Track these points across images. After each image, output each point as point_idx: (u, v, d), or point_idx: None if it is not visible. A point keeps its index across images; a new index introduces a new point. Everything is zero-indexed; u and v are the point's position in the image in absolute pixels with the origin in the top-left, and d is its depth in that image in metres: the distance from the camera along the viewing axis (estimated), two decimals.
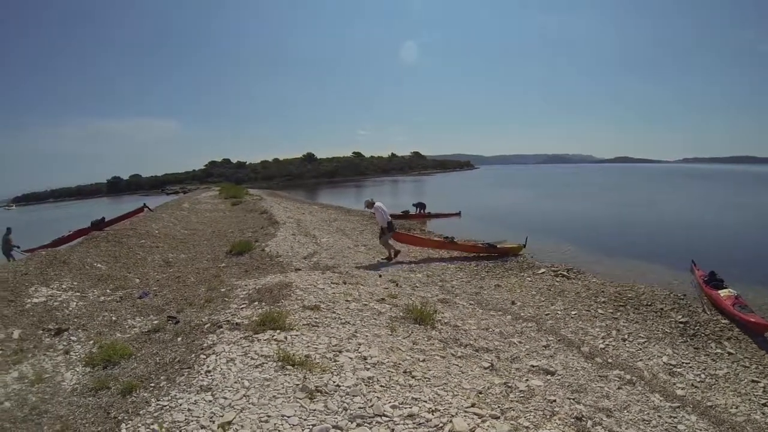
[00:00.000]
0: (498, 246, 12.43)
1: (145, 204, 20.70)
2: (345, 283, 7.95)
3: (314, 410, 3.65)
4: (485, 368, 5.00)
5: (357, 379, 4.13)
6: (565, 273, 10.55)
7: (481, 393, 4.23)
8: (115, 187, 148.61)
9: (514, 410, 3.96)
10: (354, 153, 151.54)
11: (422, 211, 25.22)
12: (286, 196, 51.80)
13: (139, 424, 3.81)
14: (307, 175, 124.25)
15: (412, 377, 4.32)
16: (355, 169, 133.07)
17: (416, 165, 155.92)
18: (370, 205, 11.97)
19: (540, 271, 10.76)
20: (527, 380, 4.81)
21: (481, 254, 12.24)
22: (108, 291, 8.51)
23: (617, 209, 29.80)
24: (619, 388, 5.18)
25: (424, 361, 4.84)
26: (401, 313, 6.43)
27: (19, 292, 7.75)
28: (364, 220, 21.91)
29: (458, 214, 25.42)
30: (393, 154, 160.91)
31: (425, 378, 4.36)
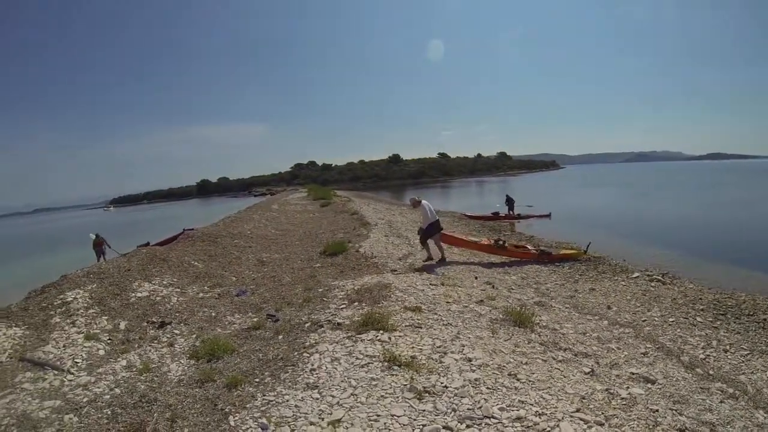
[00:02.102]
0: (553, 253, 12.07)
1: (184, 228, 21.71)
2: (443, 285, 8.11)
3: (423, 410, 3.80)
4: (586, 374, 5.02)
5: (464, 380, 4.26)
6: (659, 278, 10.43)
7: (584, 398, 4.26)
8: (204, 190, 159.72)
9: (617, 417, 4.00)
10: (439, 154, 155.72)
11: (511, 208, 25.51)
12: (374, 197, 53.09)
13: (247, 417, 4.10)
14: (392, 177, 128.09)
15: (517, 380, 4.39)
16: (440, 170, 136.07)
17: (502, 165, 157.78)
18: (416, 203, 11.42)
19: (634, 275, 10.69)
20: (628, 388, 4.79)
21: (536, 258, 11.80)
22: (206, 288, 9.18)
23: (713, 210, 28.49)
24: (721, 402, 4.99)
25: (526, 364, 4.91)
26: (501, 316, 6.53)
27: (124, 286, 8.58)
28: (454, 221, 22.35)
29: (548, 215, 25.54)
30: (479, 155, 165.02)
31: (529, 381, 4.42)
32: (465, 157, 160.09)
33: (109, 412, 4.61)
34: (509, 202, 25.76)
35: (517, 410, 3.77)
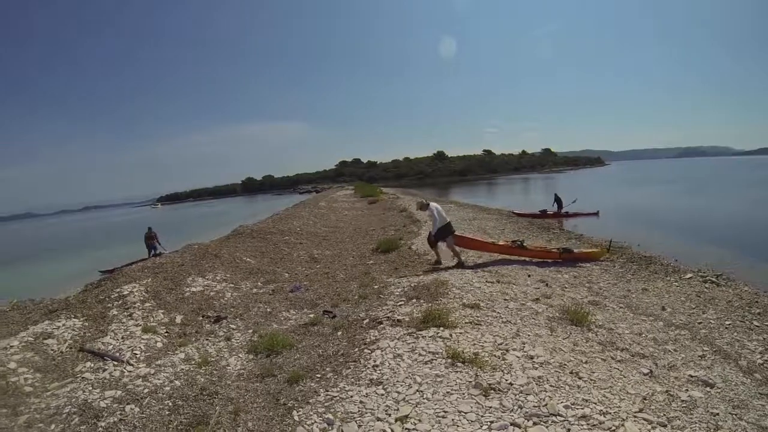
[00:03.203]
0: (575, 251, 11.69)
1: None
2: (499, 282, 8.11)
3: (490, 407, 3.83)
4: (644, 374, 4.99)
5: (527, 378, 4.27)
6: (714, 279, 10.12)
7: (645, 399, 4.26)
8: (249, 187, 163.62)
9: (679, 420, 4.05)
10: (484, 151, 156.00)
11: (560, 207, 25.45)
12: (420, 194, 53.22)
13: (311, 412, 4.17)
14: (437, 174, 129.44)
15: (579, 378, 4.39)
16: (486, 167, 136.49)
17: (547, 162, 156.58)
18: (423, 206, 11.02)
19: (687, 276, 10.41)
20: (687, 390, 4.76)
21: (556, 259, 11.46)
22: (259, 284, 9.37)
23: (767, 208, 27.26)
24: None
25: (586, 363, 4.90)
26: (557, 314, 6.52)
27: (178, 281, 8.86)
28: (502, 218, 22.15)
29: (596, 213, 25.30)
30: (523, 152, 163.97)
31: (591, 380, 4.42)
32: (510, 154, 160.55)
33: (170, 404, 4.75)
34: (557, 201, 25.73)
35: (582, 409, 3.80)
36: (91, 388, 5.20)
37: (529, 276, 9.10)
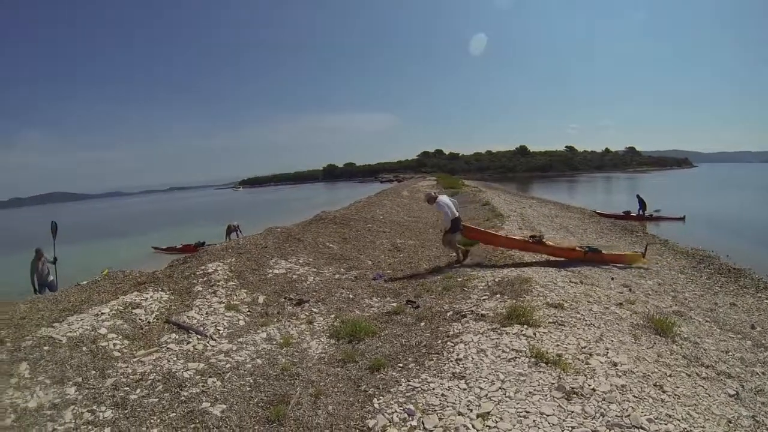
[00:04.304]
0: (604, 252, 10.67)
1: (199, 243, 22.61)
2: (582, 283, 7.95)
3: (572, 412, 3.76)
4: (730, 396, 4.76)
5: (610, 385, 4.17)
6: None
7: (730, 422, 4.07)
8: (331, 174, 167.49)
9: None
10: (567, 147, 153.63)
11: (643, 209, 25.05)
12: (502, 188, 52.98)
13: (392, 401, 4.22)
14: (519, 168, 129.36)
15: (663, 392, 4.25)
16: (567, 164, 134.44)
17: (631, 161, 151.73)
18: (431, 199, 10.66)
19: None
20: None
21: (579, 259, 10.48)
22: (342, 270, 9.55)
23: None
24: None
25: (670, 376, 4.74)
26: (641, 321, 6.34)
27: (262, 262, 9.16)
28: (584, 218, 21.96)
29: (682, 218, 24.71)
30: (607, 149, 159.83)
31: (675, 395, 4.27)
32: (592, 152, 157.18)
33: (251, 381, 4.94)
34: (640, 202, 25.27)
35: (665, 424, 3.67)
36: (175, 358, 5.49)
37: (612, 279, 8.89)
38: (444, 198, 10.41)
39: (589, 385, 4.14)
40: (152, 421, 4.22)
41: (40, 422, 4.16)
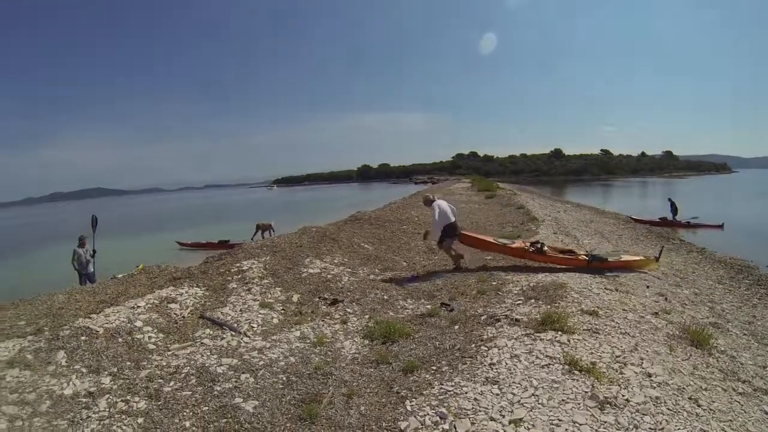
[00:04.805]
0: (610, 260, 9.90)
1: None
2: (617, 291, 7.88)
3: (605, 422, 3.75)
4: (767, 413, 4.67)
5: (645, 396, 4.14)
6: None
7: None
8: (365, 175, 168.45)
9: None
10: (602, 150, 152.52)
11: (675, 214, 24.84)
12: (536, 192, 52.61)
13: (424, 404, 4.23)
14: (553, 172, 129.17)
15: (698, 406, 4.22)
16: (603, 168, 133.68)
17: (667, 166, 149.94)
18: (428, 201, 10.46)
19: None
20: None
21: (583, 267, 9.87)
22: (377, 270, 9.61)
23: None
24: None
25: (706, 390, 4.70)
26: (677, 332, 6.27)
27: (296, 261, 9.25)
28: (620, 224, 21.57)
29: (720, 226, 24.09)
30: (643, 153, 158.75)
31: (710, 410, 4.24)
32: (628, 155, 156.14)
33: (284, 378, 5.02)
34: (672, 207, 25.02)
35: None
36: (209, 353, 5.60)
37: (647, 287, 8.76)
38: (442, 203, 10.13)
39: (623, 396, 4.11)
40: (185, 413, 4.32)
41: (75, 409, 4.30)
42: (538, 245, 10.00)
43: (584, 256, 9.82)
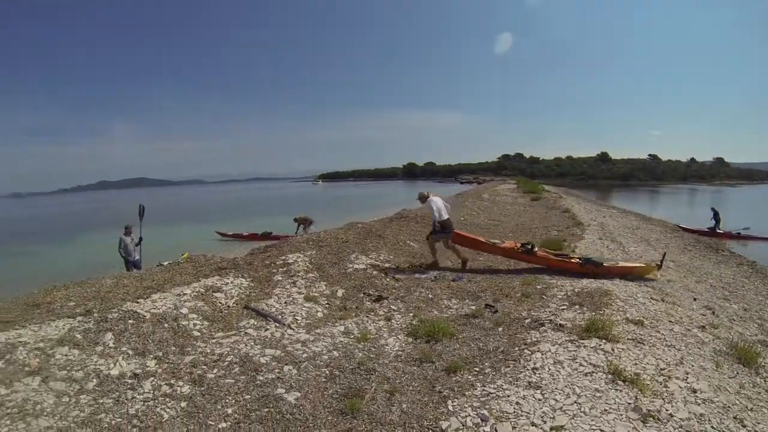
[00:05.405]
0: (606, 265, 9.39)
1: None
2: (663, 301, 7.69)
3: None
4: None
5: (689, 412, 4.03)
6: None
7: None
8: (410, 172, 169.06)
9: None
10: (650, 155, 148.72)
11: (717, 223, 23.93)
12: (582, 195, 51.71)
13: (466, 405, 4.23)
14: (600, 176, 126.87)
15: (743, 426, 4.07)
16: (650, 173, 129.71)
17: (718, 173, 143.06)
18: (423, 198, 10.68)
19: None
20: None
21: (575, 270, 9.39)
22: (422, 268, 9.62)
23: None
24: None
25: (751, 410, 4.52)
26: (724, 348, 6.09)
27: (342, 256, 9.38)
28: (667, 232, 20.95)
29: None
30: (692, 159, 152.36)
31: (755, 431, 4.07)
32: (677, 161, 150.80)
33: (327, 372, 5.06)
34: (715, 216, 24.09)
35: None
36: (252, 343, 5.73)
37: (694, 300, 8.54)
38: (436, 199, 10.38)
39: (667, 410, 4.02)
40: (227, 400, 4.43)
41: (120, 389, 4.47)
42: (529, 246, 10.07)
43: (577, 260, 9.70)
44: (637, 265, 9.80)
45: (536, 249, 10.08)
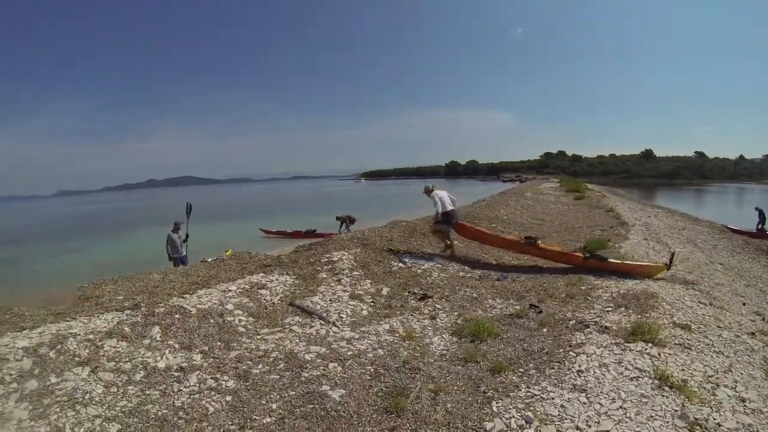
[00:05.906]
0: (611, 260, 9.25)
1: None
2: (711, 305, 7.53)
3: None
4: None
5: (737, 423, 3.95)
6: None
7: None
8: (453, 171, 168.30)
9: None
10: (696, 153, 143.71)
11: (762, 222, 22.99)
12: (626, 194, 50.81)
13: (510, 406, 4.24)
14: (644, 174, 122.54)
15: None
16: (697, 172, 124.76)
17: None
18: (428, 191, 10.93)
19: None
20: None
21: (580, 265, 9.46)
22: (466, 268, 9.60)
23: None
24: None
25: None
26: None
27: (387, 255, 9.46)
28: (714, 233, 20.29)
29: None
30: (741, 157, 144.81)
31: None
32: (724, 159, 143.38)
33: (371, 370, 5.12)
34: (761, 216, 23.13)
35: None
36: (297, 340, 5.82)
37: (744, 305, 8.32)
38: (441, 192, 10.79)
39: (714, 419, 3.94)
40: (272, 396, 4.52)
41: (167, 382, 4.61)
42: (532, 238, 10.46)
43: (580, 254, 9.76)
44: (644, 264, 9.63)
45: (539, 243, 10.29)
